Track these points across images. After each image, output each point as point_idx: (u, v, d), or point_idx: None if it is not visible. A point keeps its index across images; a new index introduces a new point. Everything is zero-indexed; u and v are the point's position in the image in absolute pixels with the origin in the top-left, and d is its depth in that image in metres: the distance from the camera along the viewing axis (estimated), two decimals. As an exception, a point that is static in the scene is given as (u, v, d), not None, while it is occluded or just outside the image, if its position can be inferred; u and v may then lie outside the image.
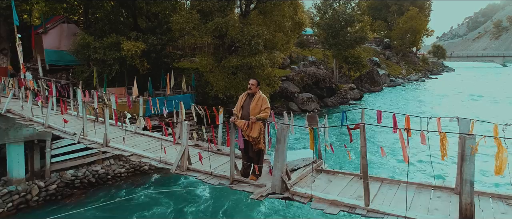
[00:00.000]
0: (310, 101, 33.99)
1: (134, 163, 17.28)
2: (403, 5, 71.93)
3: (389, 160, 16.31)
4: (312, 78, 37.05)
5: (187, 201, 13.65)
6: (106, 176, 15.92)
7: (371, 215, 4.84)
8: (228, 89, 20.47)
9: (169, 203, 13.63)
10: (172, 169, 6.77)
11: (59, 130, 9.48)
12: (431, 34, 74.92)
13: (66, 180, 14.82)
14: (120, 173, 16.39)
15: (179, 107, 8.74)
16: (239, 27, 19.43)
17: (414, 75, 68.53)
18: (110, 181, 15.94)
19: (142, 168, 17.22)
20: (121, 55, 19.40)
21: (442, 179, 13.61)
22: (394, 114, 5.86)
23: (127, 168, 16.79)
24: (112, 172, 16.24)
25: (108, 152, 16.64)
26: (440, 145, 4.48)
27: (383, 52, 73.50)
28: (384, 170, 15.13)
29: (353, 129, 5.10)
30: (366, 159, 4.86)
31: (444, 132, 4.47)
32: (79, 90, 11.55)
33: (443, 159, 4.67)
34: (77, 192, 14.90)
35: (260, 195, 5.63)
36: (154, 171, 17.31)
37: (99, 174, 15.76)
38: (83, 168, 15.75)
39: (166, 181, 16.15)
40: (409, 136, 5.09)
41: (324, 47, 43.44)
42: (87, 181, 15.31)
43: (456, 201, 5.17)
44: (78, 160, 15.78)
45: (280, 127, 5.44)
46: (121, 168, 16.60)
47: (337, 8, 40.42)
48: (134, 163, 17.28)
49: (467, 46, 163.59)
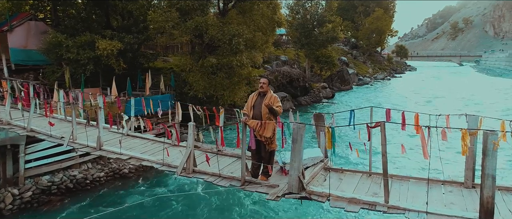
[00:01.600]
0: (285, 100, 34.26)
1: (113, 167, 16.67)
2: (369, 6, 74.23)
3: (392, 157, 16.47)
4: (286, 77, 37.40)
5: (181, 205, 13.28)
6: (84, 181, 15.21)
7: (392, 211, 4.93)
8: (208, 89, 20.20)
9: (163, 206, 13.21)
10: (177, 172, 6.56)
11: (43, 134, 8.93)
12: (396, 34, 77.94)
13: (42, 186, 14.02)
14: (99, 177, 15.71)
15: (158, 107, 8.46)
16: (219, 26, 19.21)
17: (380, 74, 70.89)
18: (89, 186, 15.24)
19: (121, 172, 16.63)
20: (96, 54, 18.62)
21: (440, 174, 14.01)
22: (403, 113, 6.01)
23: (106, 172, 16.14)
24: (91, 176, 15.54)
25: (85, 156, 16.09)
26: (461, 141, 4.64)
27: (350, 51, 75.53)
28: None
29: (373, 127, 5.16)
30: (386, 157, 4.94)
31: (466, 128, 4.64)
32: (61, 91, 10.93)
33: (464, 155, 4.83)
34: (54, 198, 14.12)
35: (276, 196, 5.59)
36: (135, 174, 16.79)
37: (77, 179, 15.03)
38: (59, 173, 14.95)
39: (150, 184, 15.70)
40: (417, 133, 5.23)
41: (297, 46, 43.97)
42: (64, 187, 14.55)
43: (468, 194, 5.38)
44: (54, 165, 14.95)
45: (297, 127, 5.42)
46: (100, 172, 15.92)
47: (309, 8, 41.01)
48: (113, 167, 16.67)
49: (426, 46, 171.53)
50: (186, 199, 13.41)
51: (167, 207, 13.11)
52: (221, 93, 20.19)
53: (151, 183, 15.76)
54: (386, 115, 6.13)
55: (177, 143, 7.33)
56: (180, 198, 13.59)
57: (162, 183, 15.76)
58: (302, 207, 10.95)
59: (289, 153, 6.60)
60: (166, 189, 14.93)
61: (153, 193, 14.50)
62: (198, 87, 19.82)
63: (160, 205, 13.29)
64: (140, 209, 13.09)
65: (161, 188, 15.06)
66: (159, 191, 14.79)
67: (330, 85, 47.36)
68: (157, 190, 14.96)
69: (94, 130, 8.92)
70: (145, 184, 15.69)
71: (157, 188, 15.16)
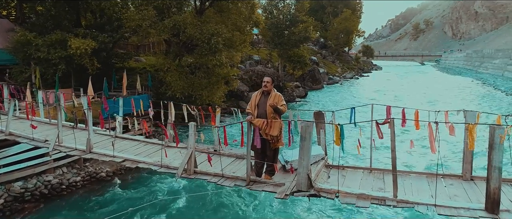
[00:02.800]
0: (260, 100, 34.42)
1: (90, 170, 16.02)
2: (338, 7, 75.97)
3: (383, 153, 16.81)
4: (260, 77, 37.53)
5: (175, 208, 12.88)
6: (60, 186, 14.47)
7: (401, 205, 5.06)
8: (186, 88, 19.87)
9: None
10: (178, 173, 6.39)
11: (24, 138, 8.42)
12: (363, 34, 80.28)
13: (15, 193, 13.19)
14: (75, 182, 15.01)
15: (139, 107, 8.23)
16: (197, 25, 18.95)
17: (349, 73, 72.78)
18: (65, 191, 14.51)
19: (98, 175, 16.00)
20: (68, 53, 17.80)
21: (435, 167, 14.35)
22: (403, 109, 6.19)
23: (82, 176, 15.46)
24: (67, 181, 14.80)
25: (60, 160, 15.35)
26: (468, 136, 4.84)
27: (320, 51, 77.04)
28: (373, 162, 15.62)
29: (383, 124, 5.27)
30: (395, 153, 5.06)
31: (473, 124, 4.85)
32: (40, 92, 10.34)
33: (471, 149, 5.03)
34: (29, 206, 13.32)
35: (285, 194, 5.58)
36: (113, 177, 16.23)
37: (52, 185, 14.26)
38: (33, 178, 14.15)
39: (129, 187, 15.19)
40: (417, 129, 5.40)
41: (270, 46, 44.26)
42: (39, 193, 13.76)
43: (468, 187, 5.63)
44: (26, 171, 14.12)
45: (305, 125, 5.44)
46: (76, 176, 15.22)
47: (281, 8, 41.38)
48: (90, 170, 16.02)
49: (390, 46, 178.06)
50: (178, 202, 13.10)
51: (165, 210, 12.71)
52: (200, 93, 19.91)
53: (130, 186, 15.27)
54: (387, 112, 6.29)
55: (176, 144, 7.14)
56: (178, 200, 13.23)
57: (142, 185, 15.34)
58: (294, 205, 11.01)
59: (291, 151, 6.64)
60: (149, 191, 14.52)
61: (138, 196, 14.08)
62: (177, 87, 19.44)
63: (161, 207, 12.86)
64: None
65: (143, 191, 14.63)
66: (142, 194, 14.36)
67: (302, 84, 48.04)
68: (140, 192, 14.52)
69: (79, 133, 8.53)
70: (124, 187, 15.18)
71: (139, 191, 14.72)
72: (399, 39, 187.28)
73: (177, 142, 6.93)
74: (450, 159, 15.62)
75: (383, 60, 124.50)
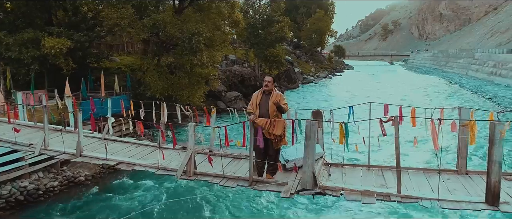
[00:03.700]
0: (238, 99, 34.35)
1: (68, 175, 15.41)
2: (311, 7, 77.04)
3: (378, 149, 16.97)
4: (238, 76, 37.45)
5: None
6: (37, 192, 13.80)
7: (406, 201, 5.19)
8: (166, 89, 19.51)
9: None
10: (177, 175, 6.26)
11: (6, 142, 7.97)
12: (335, 34, 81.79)
13: (-12, 201, 12.50)
14: (53, 187, 14.37)
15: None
16: (178, 25, 18.64)
17: (323, 73, 74.03)
18: (42, 197, 13.86)
19: (77, 179, 15.42)
20: (41, 53, 17.04)
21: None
22: (400, 107, 6.36)
23: (60, 180, 14.83)
24: (44, 186, 14.14)
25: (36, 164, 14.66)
26: (470, 132, 5.03)
27: (293, 51, 77.85)
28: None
29: (386, 121, 5.39)
30: (399, 150, 5.19)
31: (474, 120, 5.05)
32: (20, 93, 9.82)
33: (472, 144, 5.23)
34: (3, 214, 12.65)
35: (290, 193, 5.59)
36: (92, 181, 15.67)
37: (28, 191, 13.57)
38: (7, 185, 13.42)
39: (112, 191, 14.72)
40: (414, 126, 5.58)
41: (246, 46, 44.31)
42: (14, 200, 13.05)
43: (465, 181, 5.86)
44: (0, 176, 13.40)
45: (309, 124, 5.47)
46: (54, 181, 14.59)
47: (257, 8, 41.50)
48: (68, 175, 15.41)
49: (361, 46, 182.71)
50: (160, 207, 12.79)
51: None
52: (180, 93, 19.61)
53: (111, 190, 14.81)
54: (384, 110, 6.45)
55: (173, 145, 6.98)
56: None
57: (123, 189, 14.92)
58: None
59: (291, 150, 6.67)
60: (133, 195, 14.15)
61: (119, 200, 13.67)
62: (156, 87, 19.04)
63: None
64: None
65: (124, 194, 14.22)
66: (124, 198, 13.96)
67: (278, 84, 48.39)
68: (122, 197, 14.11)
69: (65, 135, 8.19)
70: (105, 191, 14.70)
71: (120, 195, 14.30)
72: (369, 40, 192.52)
73: (174, 143, 6.78)
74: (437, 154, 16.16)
75: (354, 59, 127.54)
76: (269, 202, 11.95)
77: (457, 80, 57.34)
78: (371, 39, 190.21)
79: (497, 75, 48.83)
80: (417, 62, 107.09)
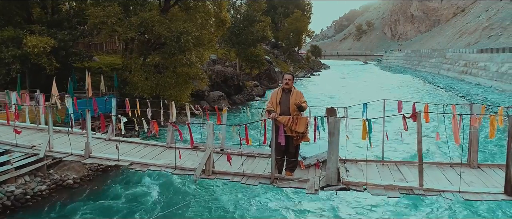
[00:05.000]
0: (221, 99, 34.21)
1: (56, 178, 14.86)
2: (288, 7, 77.68)
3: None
4: (221, 76, 37.26)
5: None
6: (24, 197, 13.23)
7: (429, 194, 5.36)
8: (154, 89, 19.18)
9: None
10: (196, 175, 6.19)
11: (6, 144, 7.61)
12: (313, 34, 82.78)
13: (-27, 207, 11.88)
14: (41, 191, 13.83)
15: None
16: (166, 23, 18.36)
17: (301, 72, 74.86)
18: (30, 202, 13.30)
19: (65, 183, 14.90)
20: (23, 52, 16.35)
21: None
22: (414, 103, 6.55)
23: (48, 184, 14.28)
24: (31, 190, 13.58)
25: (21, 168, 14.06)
26: (490, 126, 5.27)
27: (272, 51, 78.22)
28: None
29: (409, 117, 5.54)
30: (422, 145, 5.36)
31: (493, 114, 5.28)
32: (14, 94, 9.38)
33: (492, 137, 5.46)
34: (-10, 220, 12.08)
35: (314, 189, 5.65)
36: (81, 183, 15.20)
37: (15, 195, 12.99)
38: (-8, 190, 12.81)
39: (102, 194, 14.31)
40: (427, 122, 5.78)
41: (227, 45, 44.18)
42: (1, 205, 12.48)
43: (479, 174, 6.12)
44: (-15, 181, 12.75)
45: (333, 120, 5.55)
46: (42, 185, 14.04)
47: (239, 7, 41.49)
48: (56, 178, 14.86)
49: (336, 46, 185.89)
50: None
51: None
52: (168, 92, 19.32)
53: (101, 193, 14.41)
54: (398, 107, 6.63)
55: (191, 145, 6.87)
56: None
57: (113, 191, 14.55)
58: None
59: (307, 147, 6.74)
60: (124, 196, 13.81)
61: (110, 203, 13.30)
62: (144, 87, 18.68)
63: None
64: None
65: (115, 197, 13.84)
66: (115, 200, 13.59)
67: (259, 83, 48.55)
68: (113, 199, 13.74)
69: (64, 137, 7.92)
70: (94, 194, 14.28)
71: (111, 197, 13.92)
72: (343, 40, 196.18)
73: (191, 142, 6.68)
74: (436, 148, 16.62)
75: (330, 59, 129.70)
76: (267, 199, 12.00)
77: (430, 79, 59.38)
78: (346, 39, 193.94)
79: (468, 73, 50.96)
80: (391, 61, 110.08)
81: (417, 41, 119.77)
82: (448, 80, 53.45)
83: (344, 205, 11.10)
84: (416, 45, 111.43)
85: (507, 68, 38.70)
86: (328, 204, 10.90)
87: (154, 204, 12.76)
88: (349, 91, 45.88)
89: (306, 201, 10.84)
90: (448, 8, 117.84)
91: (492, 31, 63.78)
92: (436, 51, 76.16)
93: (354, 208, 10.77)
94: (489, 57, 44.98)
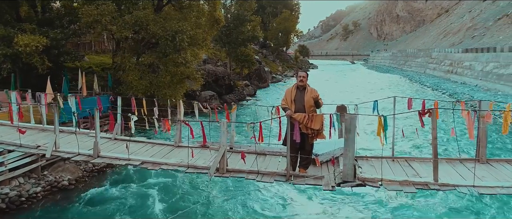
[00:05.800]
0: (213, 99, 34.11)
1: (50, 179, 14.56)
2: (277, 7, 77.92)
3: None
4: (212, 76, 37.10)
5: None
6: (19, 199, 12.92)
7: (444, 189, 5.46)
8: (149, 88, 18.99)
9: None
10: (210, 173, 6.16)
11: (10, 144, 7.42)
12: (301, 34, 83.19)
13: (-34, 210, 11.55)
14: (35, 193, 13.53)
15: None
16: (160, 22, 18.19)
17: (290, 72, 75.20)
18: (25, 204, 13.00)
19: (60, 184, 14.61)
20: (14, 51, 15.97)
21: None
22: (423, 101, 6.67)
23: (43, 186, 13.98)
24: (26, 192, 13.28)
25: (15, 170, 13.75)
26: (503, 121, 5.40)
27: (260, 50, 78.38)
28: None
29: (424, 114, 5.62)
30: (437, 141, 5.45)
31: (508, 110, 5.41)
32: (14, 93, 9.15)
33: (505, 133, 5.60)
34: (-16, 223, 11.76)
35: (331, 186, 5.70)
36: (76, 185, 14.94)
37: (10, 198, 12.69)
38: (-14, 193, 12.46)
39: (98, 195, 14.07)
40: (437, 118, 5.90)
41: (218, 45, 44.05)
42: (-4, 208, 12.20)
43: (489, 169, 6.26)
44: (-22, 184, 12.40)
45: (349, 117, 5.60)
46: (36, 187, 13.74)
47: (229, 7, 41.42)
48: (50, 179, 14.56)
49: (323, 46, 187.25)
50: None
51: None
52: (163, 92, 19.16)
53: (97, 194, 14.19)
54: (408, 104, 6.73)
55: (204, 143, 6.82)
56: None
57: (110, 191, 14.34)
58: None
59: (319, 145, 6.78)
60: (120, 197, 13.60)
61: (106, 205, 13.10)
62: (139, 86, 18.48)
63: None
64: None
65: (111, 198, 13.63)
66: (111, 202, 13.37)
67: (249, 83, 48.57)
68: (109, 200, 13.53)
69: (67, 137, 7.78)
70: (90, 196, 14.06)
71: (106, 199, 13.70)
72: (330, 40, 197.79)
73: (204, 141, 6.64)
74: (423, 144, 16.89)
75: (317, 59, 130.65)
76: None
77: (417, 78, 60.38)
78: (332, 39, 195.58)
79: (453, 73, 52.04)
80: (377, 61, 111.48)
81: (402, 41, 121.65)
82: (434, 80, 54.43)
83: (346, 204, 11.21)
84: (402, 45, 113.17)
85: (492, 67, 39.67)
86: (331, 204, 10.99)
87: (150, 204, 12.64)
88: (341, 90, 46.32)
89: (311, 201, 10.91)
90: (432, 9, 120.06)
91: (475, 31, 65.26)
92: (421, 51, 77.48)
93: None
94: (474, 56, 46.01)
